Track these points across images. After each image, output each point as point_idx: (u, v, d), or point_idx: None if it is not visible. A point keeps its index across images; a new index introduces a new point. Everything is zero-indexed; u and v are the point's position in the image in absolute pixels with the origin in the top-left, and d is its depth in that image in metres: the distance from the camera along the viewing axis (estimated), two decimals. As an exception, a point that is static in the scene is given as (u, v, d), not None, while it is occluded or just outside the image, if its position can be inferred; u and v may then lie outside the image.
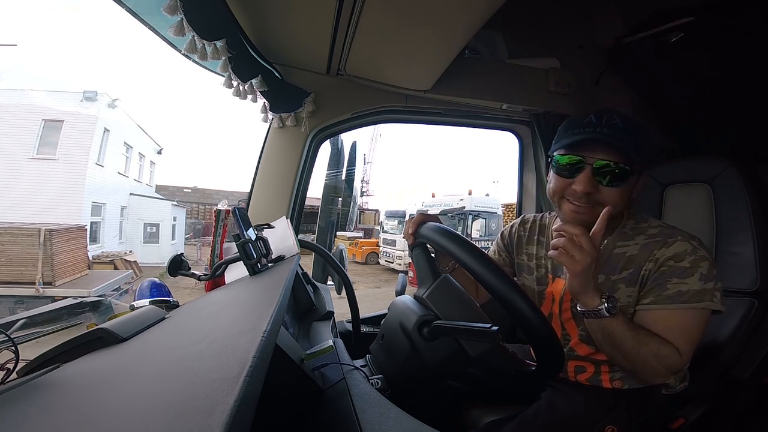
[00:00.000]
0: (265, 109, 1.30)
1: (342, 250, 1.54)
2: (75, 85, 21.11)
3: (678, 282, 0.72)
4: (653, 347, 0.70)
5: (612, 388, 0.86)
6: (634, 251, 0.79)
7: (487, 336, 0.58)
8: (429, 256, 0.82)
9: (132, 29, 21.32)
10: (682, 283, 0.72)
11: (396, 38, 1.06)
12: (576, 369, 0.90)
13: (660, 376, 0.74)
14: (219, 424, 0.19)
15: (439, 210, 10.14)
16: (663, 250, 0.75)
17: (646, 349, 0.70)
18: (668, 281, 0.73)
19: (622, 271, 0.79)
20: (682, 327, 0.72)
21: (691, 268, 0.72)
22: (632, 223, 0.83)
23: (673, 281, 0.73)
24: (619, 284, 0.79)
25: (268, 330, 0.33)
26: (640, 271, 0.77)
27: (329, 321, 1.00)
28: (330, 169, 1.75)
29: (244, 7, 1.00)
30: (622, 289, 0.79)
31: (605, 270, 0.81)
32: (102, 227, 10.14)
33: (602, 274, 0.81)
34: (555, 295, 0.91)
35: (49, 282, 5.41)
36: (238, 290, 0.69)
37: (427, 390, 1.00)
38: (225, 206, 0.95)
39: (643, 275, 0.77)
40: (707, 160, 1.22)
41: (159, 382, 0.31)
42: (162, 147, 14.26)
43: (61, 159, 9.20)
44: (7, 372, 0.45)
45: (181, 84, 47.63)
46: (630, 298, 0.78)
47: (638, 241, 0.79)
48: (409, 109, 1.46)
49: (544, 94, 1.45)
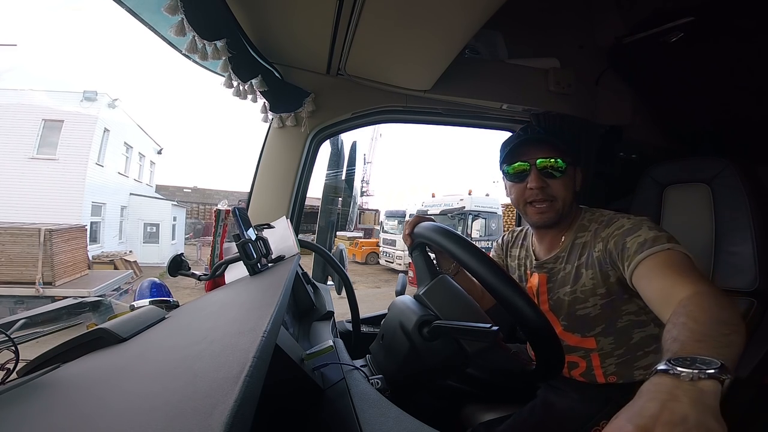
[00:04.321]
0: (265, 109, 1.30)
1: (342, 250, 1.54)
2: (75, 85, 21.18)
3: (633, 238, 0.75)
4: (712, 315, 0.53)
5: (606, 383, 0.87)
6: (587, 238, 0.87)
7: (487, 336, 0.58)
8: (428, 257, 0.82)
9: (132, 29, 21.31)
10: (636, 237, 0.74)
11: (396, 38, 1.06)
12: (569, 365, 0.92)
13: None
14: (219, 424, 0.20)
15: (439, 210, 10.14)
16: (606, 229, 0.82)
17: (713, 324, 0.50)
18: (625, 242, 0.76)
19: (580, 257, 0.87)
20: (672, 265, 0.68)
21: (634, 227, 0.77)
22: (588, 215, 0.91)
23: (629, 240, 0.75)
24: (581, 269, 0.86)
25: (268, 330, 0.33)
26: (592, 253, 0.84)
27: (329, 321, 1.00)
28: (330, 169, 1.75)
29: (244, 7, 1.00)
30: (584, 273, 0.85)
31: (570, 259, 0.89)
32: (102, 227, 10.13)
33: (568, 264, 0.89)
34: (533, 289, 0.96)
35: (49, 282, 5.41)
36: (238, 290, 0.69)
37: (427, 390, 1.00)
38: (225, 206, 0.95)
39: (598, 257, 0.82)
40: (706, 160, 1.22)
41: (159, 381, 0.31)
42: (162, 147, 14.26)
43: (61, 159, 9.19)
44: (7, 372, 0.45)
45: (181, 84, 47.57)
46: (593, 280, 0.84)
47: (591, 229, 0.87)
48: (409, 109, 1.46)
49: (544, 94, 1.45)
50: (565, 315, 0.89)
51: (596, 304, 0.85)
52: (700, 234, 1.18)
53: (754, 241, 1.07)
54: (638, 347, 0.86)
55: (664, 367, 0.38)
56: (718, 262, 1.15)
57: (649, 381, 0.39)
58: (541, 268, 0.94)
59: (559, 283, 0.90)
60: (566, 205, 0.88)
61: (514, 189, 0.92)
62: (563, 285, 0.89)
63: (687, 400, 0.33)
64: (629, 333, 0.86)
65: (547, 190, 0.87)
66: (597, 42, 1.52)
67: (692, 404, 0.33)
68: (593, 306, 0.85)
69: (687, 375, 0.36)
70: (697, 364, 0.37)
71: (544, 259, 0.94)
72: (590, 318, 0.86)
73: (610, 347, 0.87)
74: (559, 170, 0.86)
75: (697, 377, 0.36)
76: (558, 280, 0.90)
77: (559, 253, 0.91)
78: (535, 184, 0.86)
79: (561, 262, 0.90)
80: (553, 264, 0.91)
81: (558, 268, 0.90)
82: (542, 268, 0.94)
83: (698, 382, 0.35)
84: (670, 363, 0.38)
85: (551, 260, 0.92)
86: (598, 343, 0.87)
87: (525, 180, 0.88)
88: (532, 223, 0.93)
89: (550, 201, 0.87)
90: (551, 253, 0.93)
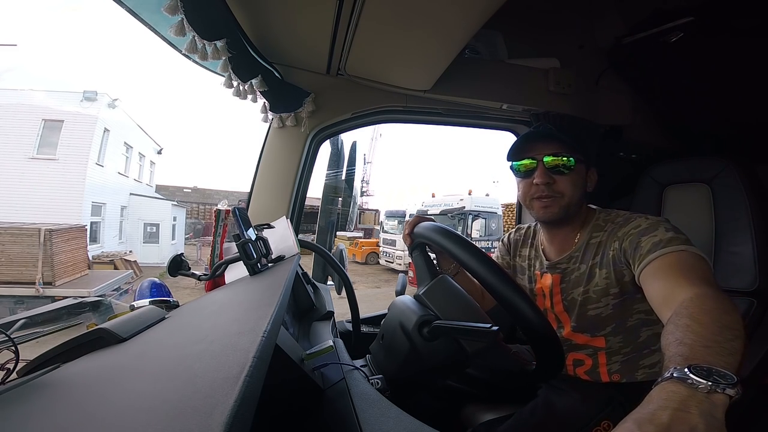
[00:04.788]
0: (265, 109, 1.30)
1: (342, 250, 1.54)
2: (75, 85, 21.17)
3: (648, 237, 0.74)
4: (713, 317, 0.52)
5: (610, 381, 0.88)
6: (603, 238, 0.86)
7: (487, 336, 0.58)
8: (428, 257, 0.82)
9: (132, 29, 21.32)
10: (652, 237, 0.74)
11: (396, 38, 1.06)
12: (575, 362, 0.92)
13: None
14: (219, 424, 0.20)
15: (439, 210, 10.14)
16: (623, 228, 0.82)
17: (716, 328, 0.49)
18: (639, 242, 0.75)
19: (594, 257, 0.86)
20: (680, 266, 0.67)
21: (651, 227, 0.76)
22: (604, 215, 0.90)
23: (644, 240, 0.75)
24: (595, 269, 0.85)
25: (268, 330, 0.33)
26: (608, 252, 0.83)
27: (329, 321, 1.00)
28: (330, 169, 1.75)
29: (244, 7, 1.00)
30: (597, 273, 0.85)
31: (584, 259, 0.88)
32: (102, 227, 10.14)
33: (582, 263, 0.88)
34: (545, 290, 0.95)
35: (49, 282, 5.42)
36: (238, 290, 0.69)
37: (427, 390, 1.00)
38: (225, 206, 0.95)
39: (613, 256, 0.81)
40: (706, 160, 1.23)
41: (159, 381, 0.31)
42: (162, 147, 14.27)
43: (62, 159, 9.20)
44: (7, 372, 0.45)
45: (181, 84, 47.64)
46: (607, 280, 0.83)
47: (607, 229, 0.86)
48: (409, 109, 1.46)
49: (544, 94, 1.45)
50: (577, 315, 0.89)
51: (608, 304, 0.85)
52: (700, 234, 1.18)
53: (754, 241, 1.07)
54: (644, 345, 0.86)
55: (679, 375, 0.37)
56: (718, 262, 1.15)
57: (661, 386, 0.38)
58: (554, 268, 0.93)
59: (573, 284, 0.89)
60: (573, 202, 0.87)
61: (522, 185, 0.92)
62: (577, 285, 0.88)
63: (697, 412, 0.33)
64: (637, 331, 0.86)
65: (554, 187, 0.86)
66: (597, 42, 1.52)
67: (702, 417, 0.33)
68: (605, 306, 0.85)
69: (704, 387, 0.35)
70: (714, 377, 0.36)
71: (556, 260, 0.93)
72: (601, 318, 0.86)
73: (618, 345, 0.87)
74: (567, 167, 0.86)
75: (713, 390, 0.35)
76: (572, 280, 0.90)
77: (572, 253, 0.90)
78: (540, 180, 0.86)
79: (575, 262, 0.89)
80: (567, 264, 0.91)
81: (572, 268, 0.90)
82: (555, 269, 0.93)
83: (712, 395, 0.35)
84: (686, 371, 0.37)
85: (564, 260, 0.91)
86: (608, 342, 0.88)
87: (532, 176, 0.88)
88: (538, 217, 0.92)
89: (555, 197, 0.87)
90: (564, 254, 0.92)
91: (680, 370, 0.38)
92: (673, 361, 0.42)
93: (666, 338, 0.49)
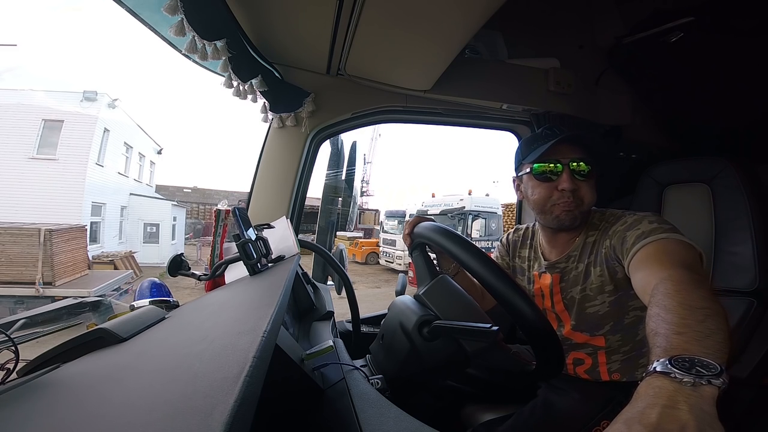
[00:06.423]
0: (265, 109, 1.30)
1: (342, 250, 1.54)
2: (75, 85, 21.17)
3: (632, 231, 0.76)
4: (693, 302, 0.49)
5: (610, 381, 0.88)
6: (597, 236, 0.87)
7: (487, 336, 0.58)
8: (428, 257, 0.82)
9: (132, 29, 21.31)
10: (636, 230, 0.75)
11: (396, 38, 1.06)
12: (575, 361, 0.92)
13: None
14: (219, 424, 0.20)
15: (439, 210, 10.13)
16: (613, 226, 0.83)
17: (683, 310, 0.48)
18: (625, 237, 0.77)
19: (590, 256, 0.87)
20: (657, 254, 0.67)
21: (636, 221, 0.78)
22: (599, 215, 0.91)
23: (629, 234, 0.76)
24: (590, 267, 0.86)
25: (268, 330, 0.33)
26: (601, 250, 0.84)
27: (329, 321, 1.00)
28: (330, 169, 1.75)
29: (244, 7, 1.00)
30: (593, 271, 0.86)
31: (582, 258, 0.89)
32: (102, 227, 10.13)
33: (580, 263, 0.89)
34: (544, 290, 0.96)
35: (49, 282, 5.41)
36: (238, 290, 0.69)
37: (427, 390, 1.00)
38: (225, 206, 0.95)
39: (605, 254, 0.83)
40: (706, 160, 1.23)
41: (159, 381, 0.31)
42: (162, 147, 14.26)
43: (61, 159, 9.19)
44: (7, 372, 0.45)
45: (181, 84, 47.64)
46: (601, 277, 0.84)
47: (601, 228, 0.88)
48: (409, 109, 1.46)
49: (544, 94, 1.45)
50: (576, 313, 0.90)
51: (605, 302, 0.85)
52: (700, 234, 1.18)
53: (754, 241, 1.07)
54: (643, 343, 0.86)
55: (662, 369, 0.37)
56: (718, 262, 1.15)
57: (646, 382, 0.37)
58: (553, 268, 0.94)
59: (572, 283, 0.90)
60: (590, 208, 0.88)
61: (541, 188, 0.88)
62: (575, 284, 0.89)
63: (686, 407, 0.33)
64: (635, 329, 0.86)
65: (577, 193, 0.85)
66: (597, 42, 1.52)
67: (691, 413, 0.32)
68: (602, 303, 0.86)
69: (689, 381, 0.35)
70: (696, 368, 0.36)
71: (555, 260, 0.93)
72: (599, 316, 0.87)
73: (617, 344, 0.87)
74: (589, 173, 0.85)
75: (698, 383, 0.35)
76: (570, 280, 0.90)
77: (571, 252, 0.90)
78: (567, 186, 0.83)
79: (573, 261, 0.90)
80: (566, 263, 0.91)
81: (570, 267, 0.90)
82: (554, 269, 0.93)
83: (699, 388, 0.34)
84: (668, 365, 0.37)
85: (563, 260, 0.92)
86: (607, 341, 0.88)
87: (555, 180, 0.86)
88: (558, 223, 0.88)
89: (577, 202, 0.85)
90: (563, 254, 0.92)
91: (663, 363, 0.38)
92: (654, 354, 0.41)
93: (646, 329, 0.48)
